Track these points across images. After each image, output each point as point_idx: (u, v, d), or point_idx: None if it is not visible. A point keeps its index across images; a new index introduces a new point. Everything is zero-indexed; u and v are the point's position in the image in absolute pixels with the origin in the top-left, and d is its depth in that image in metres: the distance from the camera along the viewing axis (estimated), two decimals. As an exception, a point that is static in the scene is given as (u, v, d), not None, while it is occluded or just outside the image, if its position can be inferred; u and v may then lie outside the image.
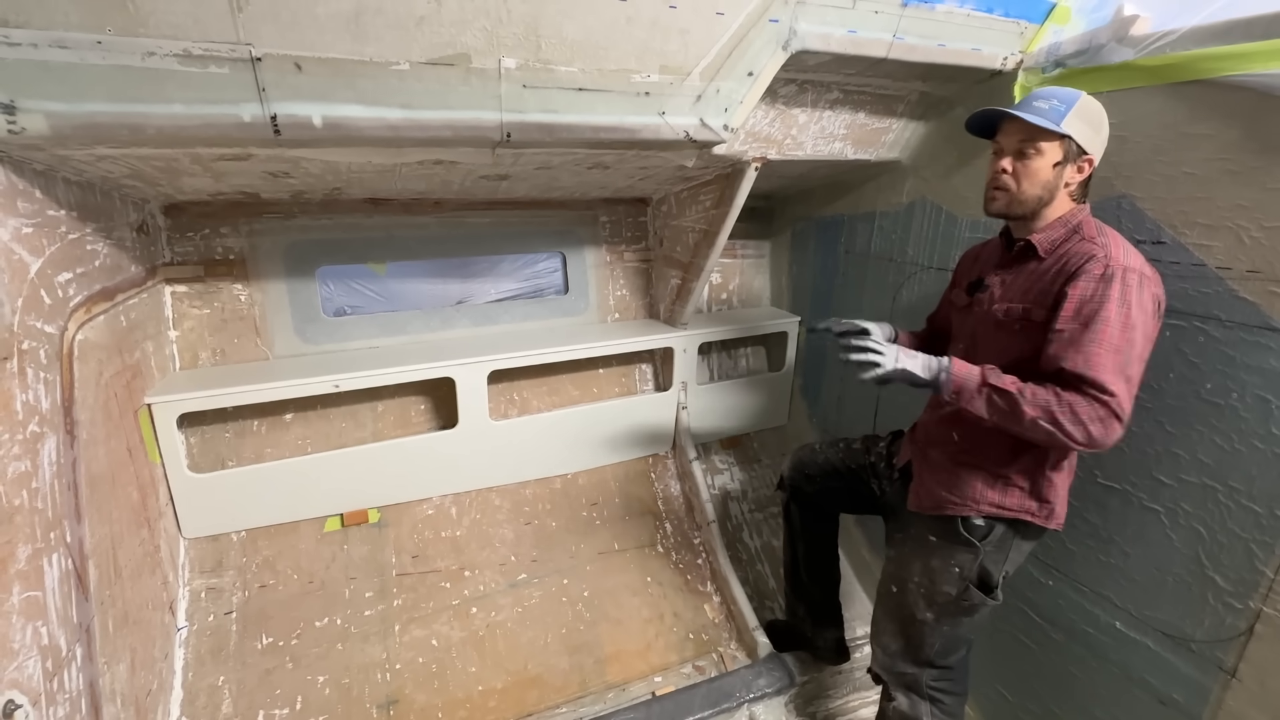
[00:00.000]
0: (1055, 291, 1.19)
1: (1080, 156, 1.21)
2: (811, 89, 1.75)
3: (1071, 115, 1.18)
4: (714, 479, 2.67)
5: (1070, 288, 1.15)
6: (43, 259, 1.22)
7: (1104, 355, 1.09)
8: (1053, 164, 1.20)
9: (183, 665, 1.72)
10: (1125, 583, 1.49)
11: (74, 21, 0.99)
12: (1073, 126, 1.18)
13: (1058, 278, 1.20)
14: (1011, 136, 1.23)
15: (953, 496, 1.34)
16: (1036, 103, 1.21)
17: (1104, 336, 1.10)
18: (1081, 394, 1.10)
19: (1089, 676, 1.58)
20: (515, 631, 2.03)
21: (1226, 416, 1.29)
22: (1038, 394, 1.13)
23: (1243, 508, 1.27)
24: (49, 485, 1.16)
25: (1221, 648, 1.31)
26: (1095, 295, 1.12)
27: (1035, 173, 1.21)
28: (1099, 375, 1.09)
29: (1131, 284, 1.12)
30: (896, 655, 1.49)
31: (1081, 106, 1.19)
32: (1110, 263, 1.13)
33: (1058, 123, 1.17)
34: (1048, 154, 1.20)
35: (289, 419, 2.08)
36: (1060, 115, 1.18)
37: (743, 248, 2.86)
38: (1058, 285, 1.19)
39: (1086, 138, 1.19)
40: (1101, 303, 1.11)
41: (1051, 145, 1.19)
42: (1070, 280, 1.16)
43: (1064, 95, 1.20)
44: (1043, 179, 1.21)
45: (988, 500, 1.31)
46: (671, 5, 1.31)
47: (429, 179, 1.80)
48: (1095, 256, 1.15)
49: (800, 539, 1.86)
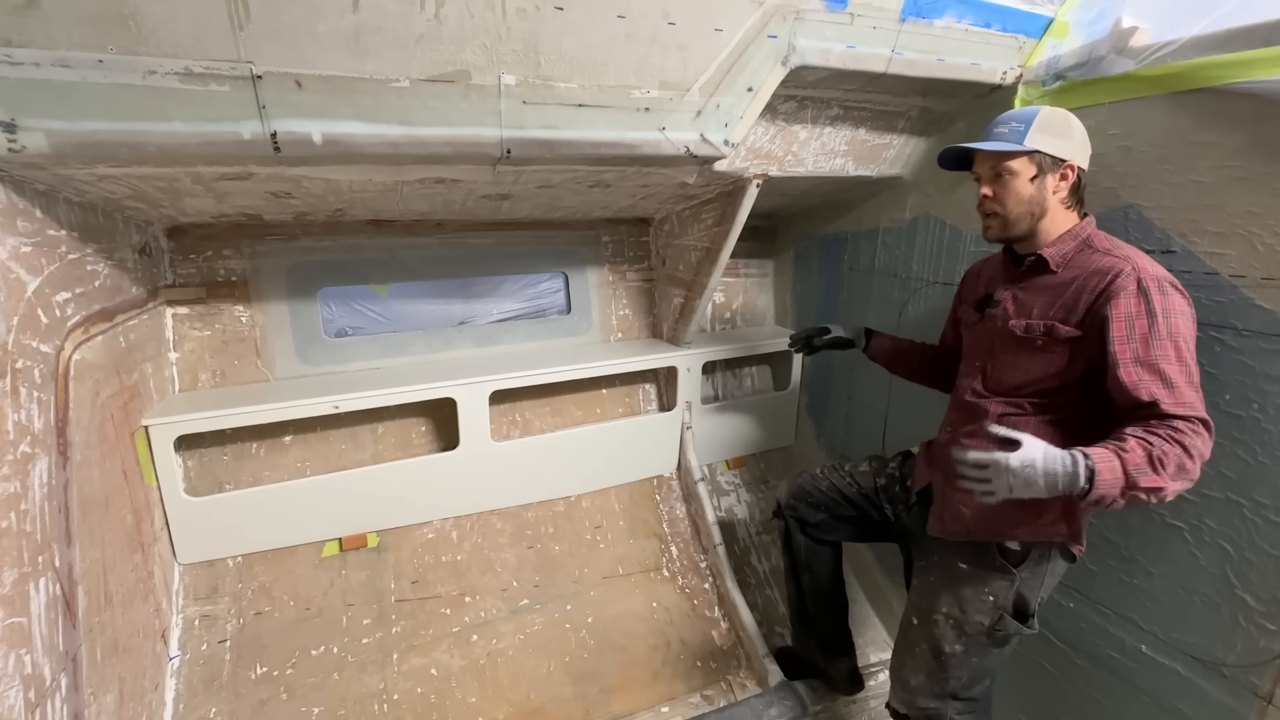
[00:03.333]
0: (1084, 310, 1.16)
1: (1058, 165, 1.22)
2: (811, 105, 1.76)
3: (1033, 131, 1.21)
4: (720, 500, 2.62)
5: (1111, 308, 1.11)
6: (41, 278, 1.22)
7: (1177, 373, 1.06)
8: (1029, 179, 1.23)
9: (174, 696, 1.67)
10: (1151, 604, 1.43)
11: (76, 41, 0.99)
12: (1036, 141, 1.21)
13: (1081, 293, 1.17)
14: (984, 164, 1.28)
15: (984, 522, 1.28)
16: (997, 129, 1.25)
17: (1166, 353, 1.07)
18: (1183, 428, 1.03)
19: (1115, 704, 1.50)
20: (517, 660, 1.97)
21: (1248, 428, 1.25)
22: (1167, 455, 1.01)
23: (1270, 523, 1.22)
24: (39, 507, 1.14)
25: (1256, 672, 1.25)
26: (1141, 311, 1.10)
27: (1015, 191, 1.24)
28: (1185, 399, 1.05)
29: (1169, 292, 1.10)
30: (919, 690, 1.41)
31: (1041, 120, 1.22)
32: (1142, 276, 1.11)
33: (1020, 142, 1.20)
34: (1021, 172, 1.23)
35: (288, 441, 2.05)
36: (1021, 135, 1.21)
37: (745, 266, 2.85)
38: (1085, 303, 1.16)
39: (1055, 146, 1.21)
40: (1151, 318, 1.09)
41: (1021, 163, 1.22)
42: (1107, 300, 1.12)
43: (1022, 115, 1.24)
44: (1025, 195, 1.23)
45: (1023, 524, 1.25)
46: (670, 22, 1.32)
47: (431, 199, 1.80)
48: (1124, 271, 1.12)
49: (805, 570, 1.78)
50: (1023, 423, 1.25)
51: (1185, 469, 1.01)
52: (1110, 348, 1.11)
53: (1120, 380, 1.09)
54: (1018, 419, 1.26)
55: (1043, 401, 1.25)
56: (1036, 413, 1.25)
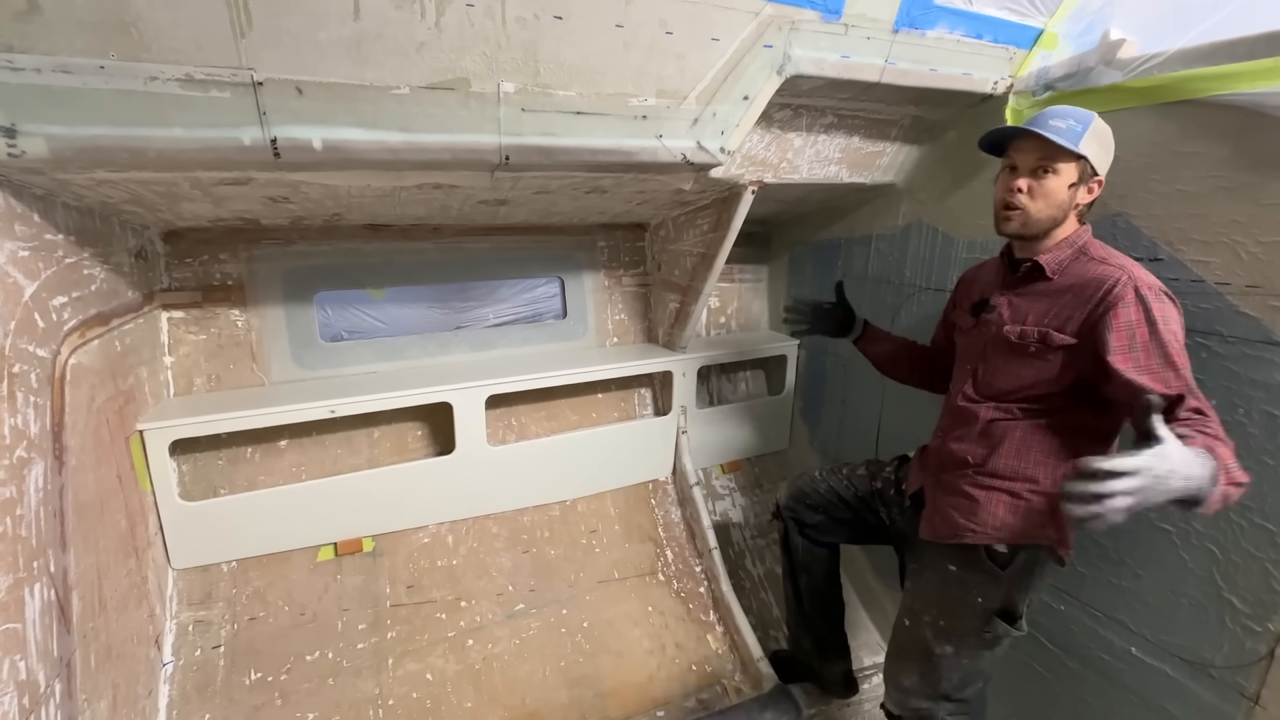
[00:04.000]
0: (1081, 318, 1.17)
1: (1092, 178, 1.21)
2: (806, 113, 1.78)
3: (1088, 136, 1.16)
4: (715, 504, 2.63)
5: (1111, 318, 1.12)
6: (38, 282, 1.22)
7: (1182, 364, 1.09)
8: (1068, 185, 1.18)
9: (167, 703, 1.66)
10: (1139, 606, 1.45)
11: (78, 47, 1.00)
12: (1089, 147, 1.16)
13: (1077, 302, 1.18)
14: (1028, 155, 1.19)
15: (972, 524, 1.29)
16: (1053, 121, 1.16)
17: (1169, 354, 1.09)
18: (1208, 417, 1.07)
19: (1105, 705, 1.52)
20: (513, 664, 1.97)
21: (1234, 433, 1.26)
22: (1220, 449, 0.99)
23: (1256, 526, 1.24)
24: (34, 512, 1.13)
25: (1242, 673, 1.27)
26: (1141, 320, 1.11)
27: (1051, 193, 1.18)
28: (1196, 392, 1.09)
29: (1164, 301, 1.13)
30: (911, 691, 1.43)
31: (1097, 127, 1.18)
32: (1139, 285, 1.12)
33: (1076, 143, 1.15)
34: (1064, 174, 1.18)
35: (284, 445, 2.05)
36: (1078, 136, 1.15)
37: (740, 272, 2.87)
38: (1082, 311, 1.17)
39: (1099, 159, 1.20)
40: (1151, 326, 1.10)
41: (1068, 166, 1.17)
42: (1106, 311, 1.13)
43: (1080, 115, 1.18)
44: (1058, 199, 1.19)
45: (1010, 527, 1.26)
46: (668, 31, 1.34)
47: (428, 204, 1.81)
48: (1121, 280, 1.13)
49: (803, 571, 1.79)
50: (1011, 427, 1.27)
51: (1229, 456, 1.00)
52: (1111, 358, 1.11)
53: (1133, 384, 1.08)
54: (1007, 423, 1.28)
55: (1033, 406, 1.26)
56: (1026, 417, 1.26)
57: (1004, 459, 1.27)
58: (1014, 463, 1.26)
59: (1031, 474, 1.25)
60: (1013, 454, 1.26)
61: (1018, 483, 1.26)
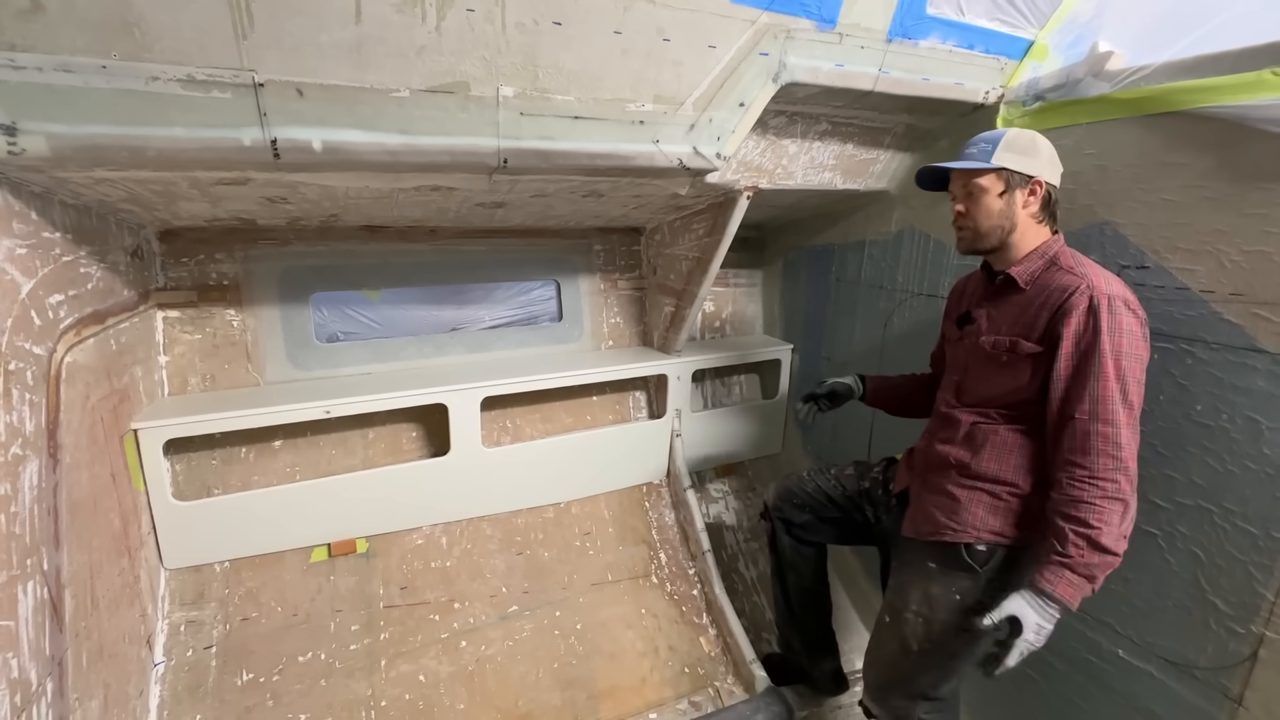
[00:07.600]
0: (1043, 326, 1.23)
1: (1026, 181, 1.28)
2: (801, 120, 1.80)
3: (1000, 150, 1.27)
4: (709, 508, 2.64)
5: (1064, 326, 1.18)
6: (35, 280, 1.22)
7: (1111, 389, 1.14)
8: (998, 194, 1.29)
9: (158, 703, 1.65)
10: (1126, 609, 1.47)
11: (80, 46, 1.01)
12: (1003, 159, 1.27)
13: (1042, 310, 1.23)
14: (957, 183, 1.35)
15: (952, 523, 1.33)
16: (968, 150, 1.32)
17: (1105, 369, 1.14)
18: (1092, 483, 1.14)
19: (1093, 707, 1.54)
20: (506, 666, 1.97)
21: (1218, 438, 1.30)
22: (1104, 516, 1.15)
23: (1239, 529, 1.27)
24: (28, 510, 1.13)
25: (1226, 674, 1.29)
26: (1088, 328, 1.16)
27: (984, 207, 1.30)
28: (1107, 414, 1.14)
29: (1119, 311, 1.15)
30: (888, 687, 1.45)
31: (1008, 140, 1.28)
32: (1094, 293, 1.17)
33: (987, 161, 1.27)
34: (989, 188, 1.29)
35: (278, 446, 2.05)
36: (989, 154, 1.28)
37: (735, 276, 2.89)
38: (1044, 319, 1.23)
39: (1022, 164, 1.27)
40: (1095, 335, 1.15)
41: (989, 179, 1.29)
42: (1062, 318, 1.19)
43: (990, 136, 1.31)
44: (994, 210, 1.29)
45: (989, 527, 1.30)
46: (665, 38, 1.35)
47: (425, 206, 1.82)
48: (1079, 289, 1.18)
49: (790, 570, 1.81)
50: (991, 430, 1.32)
51: (1120, 499, 1.14)
52: (1056, 363, 1.19)
53: (1057, 397, 1.20)
54: (988, 428, 1.33)
55: (1010, 412, 1.31)
56: (1005, 422, 1.31)
57: (985, 462, 1.31)
58: (994, 466, 1.30)
59: (1011, 478, 1.29)
60: (994, 458, 1.31)
61: (998, 485, 1.30)
